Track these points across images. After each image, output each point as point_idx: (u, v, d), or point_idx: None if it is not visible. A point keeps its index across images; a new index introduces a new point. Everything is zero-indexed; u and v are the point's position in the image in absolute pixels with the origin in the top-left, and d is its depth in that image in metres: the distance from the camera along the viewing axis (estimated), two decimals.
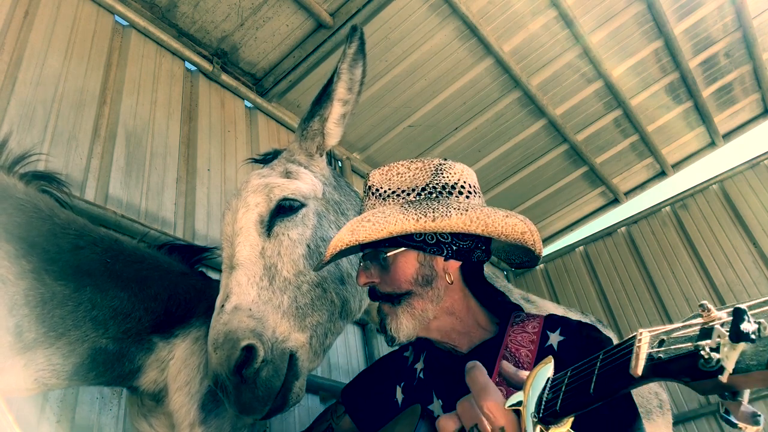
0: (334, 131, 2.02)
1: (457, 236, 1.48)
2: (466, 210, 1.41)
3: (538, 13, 4.48)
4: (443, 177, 1.51)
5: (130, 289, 1.64)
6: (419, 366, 1.59)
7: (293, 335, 1.61)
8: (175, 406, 1.63)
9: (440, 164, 1.55)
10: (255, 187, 1.83)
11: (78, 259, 1.57)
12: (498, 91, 5.05)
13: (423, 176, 1.52)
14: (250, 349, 1.49)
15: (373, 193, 1.55)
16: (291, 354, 1.60)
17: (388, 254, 1.48)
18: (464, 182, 1.52)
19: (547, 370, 0.93)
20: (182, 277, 1.83)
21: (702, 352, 0.67)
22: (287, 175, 1.89)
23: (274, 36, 4.22)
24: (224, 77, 4.20)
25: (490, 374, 1.35)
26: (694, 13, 4.75)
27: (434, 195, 1.49)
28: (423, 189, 1.50)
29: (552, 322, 1.46)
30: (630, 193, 6.52)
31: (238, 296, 1.59)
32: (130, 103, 3.39)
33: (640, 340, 0.79)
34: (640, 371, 0.75)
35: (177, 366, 1.67)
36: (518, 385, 1.00)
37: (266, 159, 2.12)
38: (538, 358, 1.35)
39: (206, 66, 4.10)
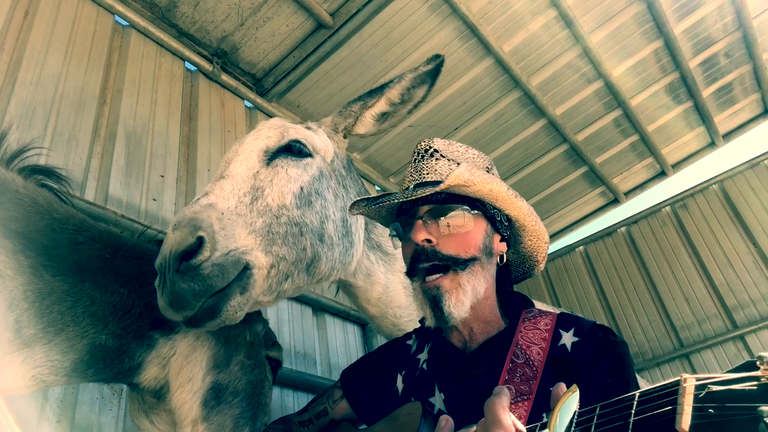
0: (367, 122, 2.10)
1: (508, 224, 1.53)
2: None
3: (538, 13, 4.47)
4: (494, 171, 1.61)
5: (130, 285, 1.63)
6: (423, 357, 1.54)
7: (255, 252, 1.52)
8: (177, 402, 1.61)
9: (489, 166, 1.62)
10: (272, 124, 1.86)
11: (77, 254, 1.55)
12: (498, 91, 5.04)
13: (481, 161, 1.59)
14: (202, 241, 1.41)
15: (442, 156, 1.54)
16: (246, 266, 1.49)
17: (472, 212, 1.42)
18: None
19: (573, 401, 0.81)
20: None
21: (766, 419, 0.59)
22: (307, 128, 1.94)
23: (274, 36, 4.22)
24: (224, 77, 4.20)
25: (499, 372, 1.32)
26: (694, 13, 4.75)
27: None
28: (486, 169, 1.57)
29: (565, 320, 1.40)
30: (630, 193, 6.52)
31: (216, 197, 1.54)
32: (130, 103, 3.38)
33: (684, 388, 0.69)
34: (687, 427, 0.65)
35: (179, 362, 1.65)
36: None
37: None
38: (550, 357, 1.31)
39: (206, 66, 4.09)
